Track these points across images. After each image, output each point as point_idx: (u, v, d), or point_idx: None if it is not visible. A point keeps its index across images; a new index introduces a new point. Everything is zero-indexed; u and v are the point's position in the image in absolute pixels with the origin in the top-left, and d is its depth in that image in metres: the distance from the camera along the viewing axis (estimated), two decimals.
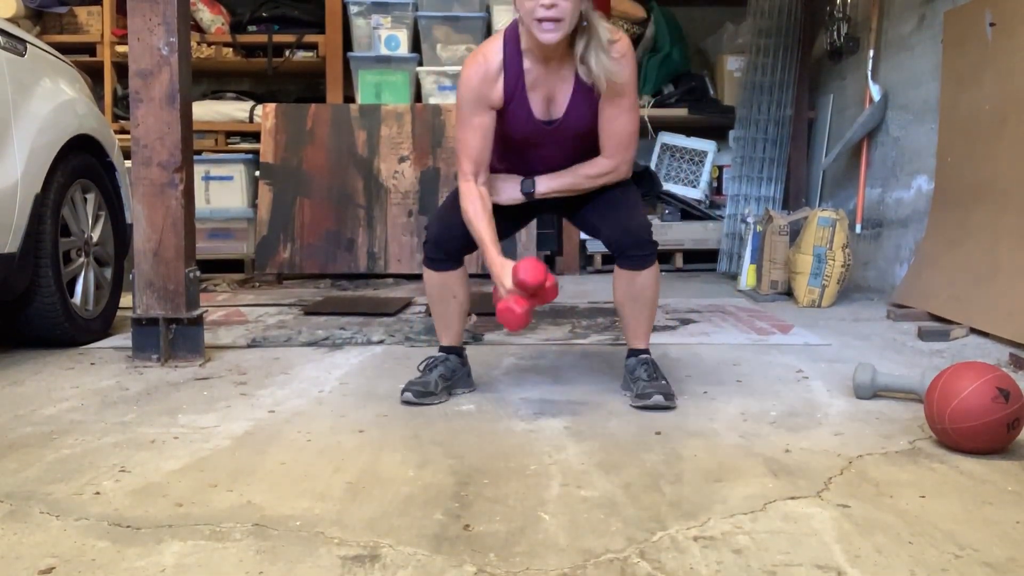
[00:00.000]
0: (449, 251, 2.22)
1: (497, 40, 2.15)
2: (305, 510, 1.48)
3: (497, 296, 2.11)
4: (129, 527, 1.40)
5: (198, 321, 2.69)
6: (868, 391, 2.22)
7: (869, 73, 4.35)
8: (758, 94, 5.15)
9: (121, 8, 5.26)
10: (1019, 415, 1.73)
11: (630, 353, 2.28)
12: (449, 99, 4.98)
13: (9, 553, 1.30)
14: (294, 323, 3.40)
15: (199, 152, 5.08)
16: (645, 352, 2.26)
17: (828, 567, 1.25)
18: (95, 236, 3.08)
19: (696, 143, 5.44)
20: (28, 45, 2.82)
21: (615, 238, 2.18)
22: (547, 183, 2.21)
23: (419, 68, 5.18)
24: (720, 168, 5.54)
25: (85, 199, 3.04)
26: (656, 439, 1.89)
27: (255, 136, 5.28)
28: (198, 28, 5.38)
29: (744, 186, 5.17)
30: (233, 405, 2.19)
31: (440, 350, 2.32)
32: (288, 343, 3.00)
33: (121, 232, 3.22)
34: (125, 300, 3.20)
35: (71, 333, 2.87)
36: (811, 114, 5.34)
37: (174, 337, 2.66)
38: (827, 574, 1.23)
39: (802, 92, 5.22)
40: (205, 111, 5.34)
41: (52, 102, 2.84)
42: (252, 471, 1.68)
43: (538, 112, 2.15)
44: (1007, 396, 1.72)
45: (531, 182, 2.22)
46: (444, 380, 2.24)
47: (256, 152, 5.15)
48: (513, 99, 2.13)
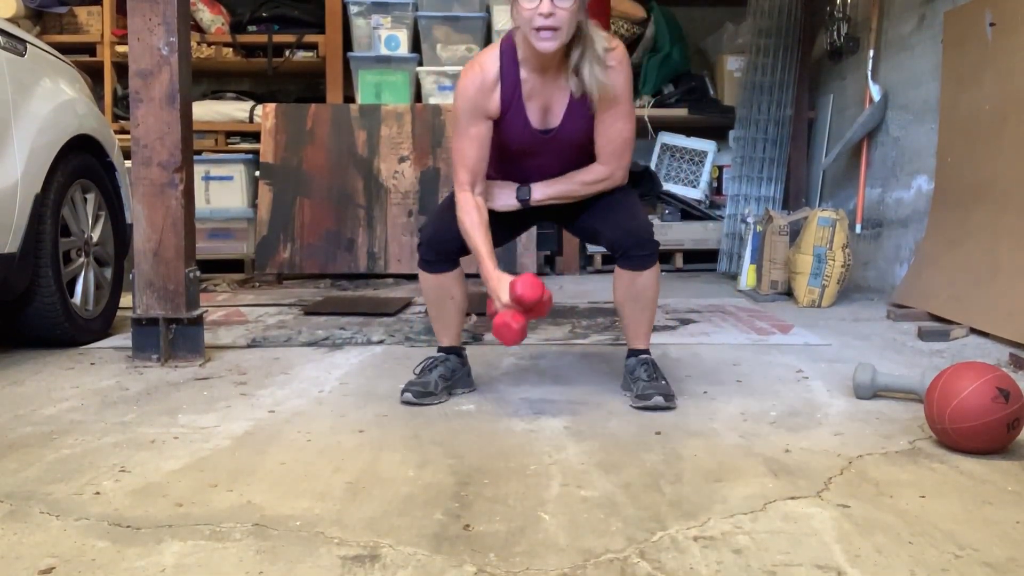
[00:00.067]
0: (444, 253, 2.22)
1: (494, 50, 2.16)
2: (305, 510, 1.48)
3: (492, 309, 2.11)
4: (129, 527, 1.40)
5: (198, 321, 2.69)
6: (868, 391, 2.22)
7: (869, 73, 4.35)
8: (758, 94, 5.15)
9: (121, 8, 5.26)
10: (1019, 415, 1.73)
11: (630, 353, 2.28)
12: (449, 99, 4.98)
13: (9, 553, 1.30)
14: (294, 323, 3.40)
15: (199, 152, 5.08)
16: (645, 352, 2.27)
17: (828, 567, 1.25)
18: (95, 236, 3.08)
19: (696, 143, 5.44)
20: (28, 45, 2.82)
21: (617, 239, 2.18)
22: (543, 190, 2.22)
23: (419, 68, 5.18)
24: (720, 168, 5.54)
25: (85, 199, 3.04)
26: (656, 439, 1.89)
27: (255, 136, 5.28)
28: (198, 28, 5.38)
29: (744, 186, 5.17)
30: (233, 405, 2.19)
31: (439, 350, 2.32)
32: (288, 343, 3.00)
33: (121, 232, 3.23)
34: (125, 300, 3.20)
35: (71, 333, 2.87)
36: (811, 114, 5.34)
37: (174, 337, 2.66)
38: (827, 574, 1.23)
39: (802, 92, 5.22)
40: (205, 111, 5.34)
41: (52, 102, 2.84)
42: (252, 471, 1.68)
43: (535, 122, 2.15)
44: (1007, 396, 1.72)
45: (527, 189, 2.22)
46: (444, 380, 2.24)
47: (256, 152, 5.15)
48: (510, 109, 2.13)
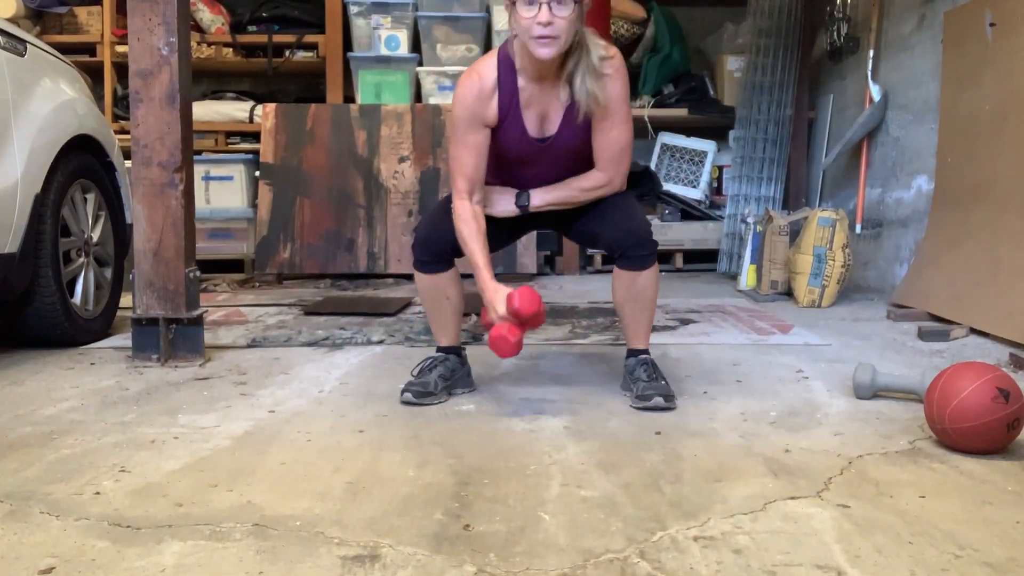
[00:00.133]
0: (439, 253, 2.22)
1: (491, 58, 2.16)
2: (305, 510, 1.48)
3: (487, 319, 2.11)
4: (129, 527, 1.40)
5: (198, 321, 2.69)
6: (868, 391, 2.22)
7: (869, 73, 4.35)
8: (758, 94, 5.15)
9: (121, 8, 5.26)
10: (1019, 415, 1.73)
11: (630, 353, 2.28)
12: (449, 99, 4.97)
13: (9, 553, 1.30)
14: (294, 323, 3.40)
15: (199, 152, 5.08)
16: (645, 352, 2.27)
17: (828, 567, 1.25)
18: (95, 236, 3.08)
19: (696, 143, 5.44)
20: (28, 45, 2.82)
21: (616, 239, 2.18)
22: (542, 196, 2.22)
23: (419, 68, 5.18)
24: (720, 168, 5.54)
25: (85, 199, 3.04)
26: (656, 439, 1.89)
27: (255, 136, 5.28)
28: (198, 28, 5.38)
29: (744, 186, 5.17)
30: (233, 405, 2.19)
31: (438, 350, 2.32)
32: (288, 343, 3.00)
33: (121, 232, 3.22)
34: (125, 300, 3.20)
35: (71, 333, 2.87)
36: (811, 114, 5.34)
37: (174, 337, 2.66)
38: (827, 574, 1.23)
39: (802, 92, 5.23)
40: (205, 111, 5.34)
41: (52, 102, 2.84)
42: (252, 471, 1.68)
43: (531, 130, 2.16)
44: (1007, 396, 1.72)
45: (526, 195, 2.23)
46: (443, 380, 2.24)
47: (256, 152, 5.15)
48: (507, 117, 2.14)
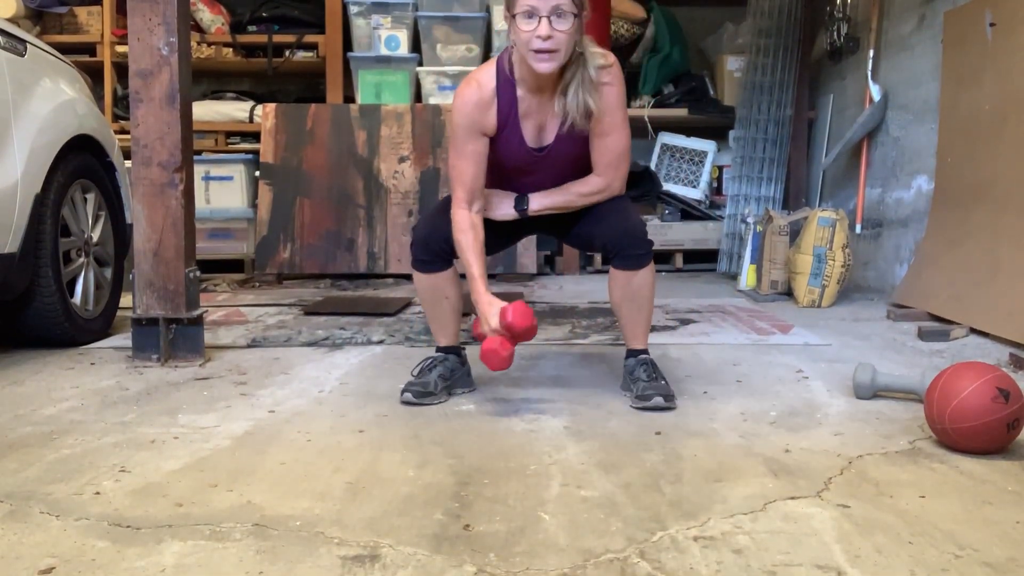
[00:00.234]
0: (437, 252, 2.22)
1: (490, 67, 2.16)
2: (305, 510, 1.48)
3: (479, 331, 2.12)
4: (129, 527, 1.40)
5: (198, 321, 2.69)
6: (868, 391, 2.22)
7: (869, 73, 4.35)
8: (758, 94, 5.15)
9: (121, 8, 5.26)
10: (1019, 415, 1.73)
11: (629, 353, 2.28)
12: (449, 99, 4.97)
13: (9, 553, 1.30)
14: (294, 323, 3.40)
15: (199, 152, 5.08)
16: (644, 352, 2.27)
17: (828, 567, 1.25)
18: (95, 236, 3.08)
19: (696, 143, 5.44)
20: (28, 45, 2.82)
21: (611, 239, 2.18)
22: (540, 200, 2.23)
23: (419, 68, 5.17)
24: (720, 168, 5.54)
25: (85, 199, 3.04)
26: (656, 439, 1.89)
27: (255, 136, 5.28)
28: (198, 28, 5.38)
29: (744, 186, 5.17)
30: (233, 405, 2.19)
31: (438, 350, 2.32)
32: (288, 343, 3.00)
33: (121, 232, 3.22)
34: (125, 300, 3.20)
35: (71, 333, 2.87)
36: (811, 114, 5.34)
37: (174, 337, 2.66)
38: (827, 574, 1.23)
39: (802, 92, 5.23)
40: (205, 111, 5.34)
41: (52, 102, 2.84)
42: (252, 471, 1.68)
43: (529, 140, 2.16)
44: (1007, 396, 1.72)
45: (525, 199, 2.23)
46: (443, 380, 2.24)
47: (256, 152, 5.15)
48: (506, 127, 2.14)
